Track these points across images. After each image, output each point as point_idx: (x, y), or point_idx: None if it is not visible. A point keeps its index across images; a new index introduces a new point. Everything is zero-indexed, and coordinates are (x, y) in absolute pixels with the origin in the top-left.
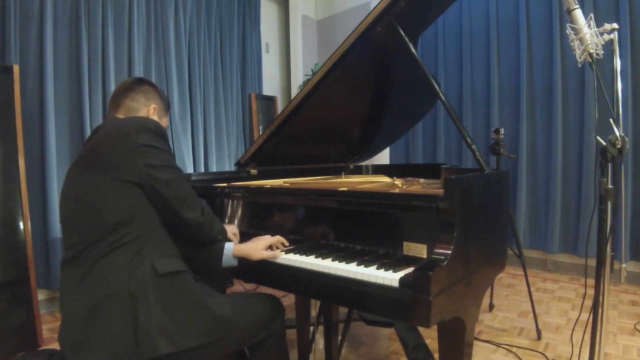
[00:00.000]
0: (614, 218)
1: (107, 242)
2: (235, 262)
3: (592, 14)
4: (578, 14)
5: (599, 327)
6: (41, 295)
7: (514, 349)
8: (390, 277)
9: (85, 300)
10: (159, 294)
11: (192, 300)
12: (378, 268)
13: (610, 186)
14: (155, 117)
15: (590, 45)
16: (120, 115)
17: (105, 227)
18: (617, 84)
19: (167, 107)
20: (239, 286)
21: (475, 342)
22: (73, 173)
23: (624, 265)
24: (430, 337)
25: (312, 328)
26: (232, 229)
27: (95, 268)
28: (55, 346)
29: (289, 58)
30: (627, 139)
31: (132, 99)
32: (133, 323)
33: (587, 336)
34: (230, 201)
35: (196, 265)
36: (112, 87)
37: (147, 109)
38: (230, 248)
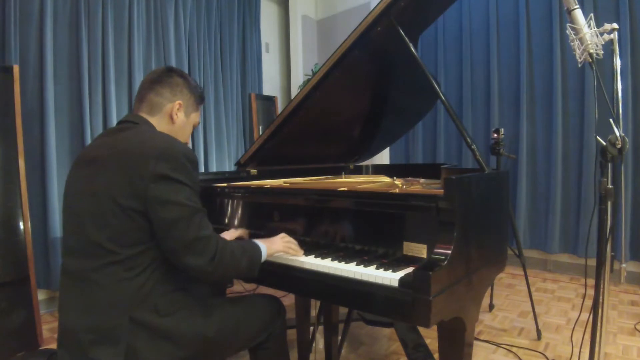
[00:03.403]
0: (614, 218)
1: (111, 269)
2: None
3: (592, 14)
4: (578, 14)
5: (599, 327)
6: (41, 295)
7: (514, 349)
8: (390, 277)
9: (85, 321)
10: (159, 333)
11: (192, 334)
12: (377, 268)
13: (610, 186)
14: (180, 114)
15: (590, 45)
16: (143, 112)
17: (112, 254)
18: (617, 84)
19: (198, 100)
20: (238, 286)
21: (475, 342)
22: (85, 172)
23: (624, 265)
24: (430, 337)
25: (312, 328)
26: (240, 233)
27: (97, 293)
28: (55, 346)
29: (289, 58)
30: (627, 139)
31: (157, 93)
32: (126, 357)
33: (587, 336)
34: (230, 201)
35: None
36: (112, 87)
37: (171, 105)
38: (264, 255)
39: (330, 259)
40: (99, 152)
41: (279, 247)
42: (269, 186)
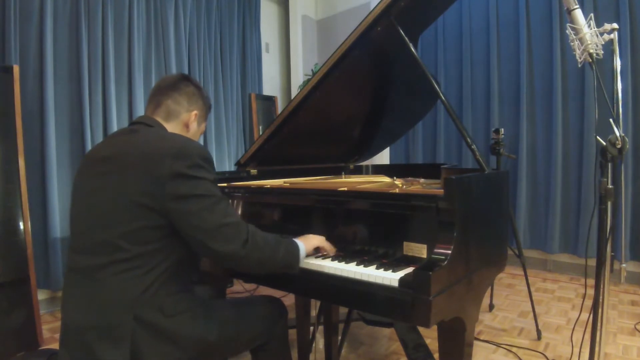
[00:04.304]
0: (614, 218)
1: (118, 267)
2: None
3: (592, 14)
4: (578, 14)
5: (599, 327)
6: (41, 295)
7: (514, 349)
8: (390, 277)
9: (89, 319)
10: (163, 333)
11: (194, 336)
12: (377, 268)
13: (610, 186)
14: (194, 124)
15: (590, 45)
16: (159, 117)
17: (120, 251)
18: (617, 84)
19: (208, 110)
20: (239, 286)
21: (475, 342)
22: (97, 170)
23: (624, 265)
24: (430, 337)
25: (312, 328)
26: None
27: (103, 291)
28: (56, 346)
29: (289, 58)
30: (627, 139)
31: (174, 101)
32: (132, 357)
33: (587, 336)
34: (230, 201)
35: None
36: (112, 87)
37: (189, 114)
38: (302, 249)
39: (330, 259)
40: (112, 151)
41: (314, 243)
42: (269, 186)
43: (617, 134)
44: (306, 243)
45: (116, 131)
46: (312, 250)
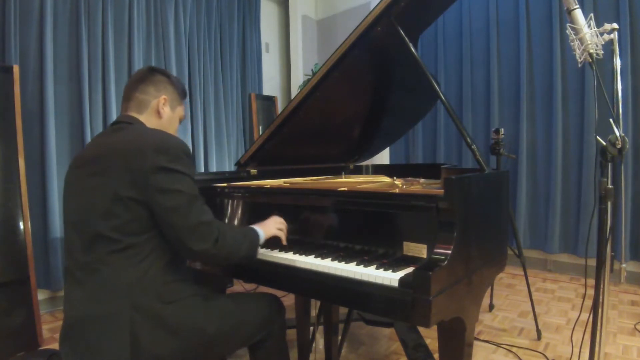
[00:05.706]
0: (614, 218)
1: (114, 257)
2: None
3: (592, 14)
4: (578, 14)
5: (599, 327)
6: (41, 295)
7: (514, 349)
8: (390, 277)
9: (89, 310)
10: (161, 322)
11: (192, 326)
12: (377, 268)
13: (610, 186)
14: (166, 109)
15: (590, 45)
16: (132, 112)
17: (114, 242)
18: (617, 84)
19: (182, 96)
20: (239, 286)
21: (475, 342)
22: (86, 170)
23: (624, 265)
24: (430, 337)
25: (312, 328)
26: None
27: (101, 282)
28: (55, 346)
29: (289, 58)
30: (627, 139)
31: (141, 91)
32: (132, 346)
33: (587, 336)
34: (230, 201)
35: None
36: (113, 87)
37: (157, 100)
38: (262, 238)
39: (330, 259)
40: (98, 151)
41: (272, 231)
42: (269, 186)
43: (617, 134)
44: (265, 230)
45: (100, 132)
46: (270, 237)
